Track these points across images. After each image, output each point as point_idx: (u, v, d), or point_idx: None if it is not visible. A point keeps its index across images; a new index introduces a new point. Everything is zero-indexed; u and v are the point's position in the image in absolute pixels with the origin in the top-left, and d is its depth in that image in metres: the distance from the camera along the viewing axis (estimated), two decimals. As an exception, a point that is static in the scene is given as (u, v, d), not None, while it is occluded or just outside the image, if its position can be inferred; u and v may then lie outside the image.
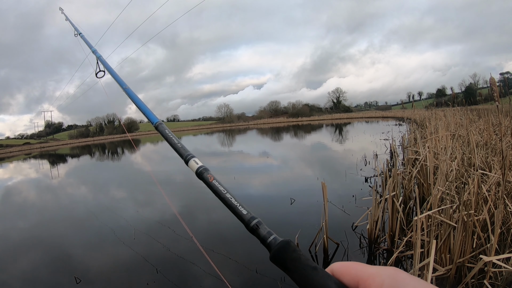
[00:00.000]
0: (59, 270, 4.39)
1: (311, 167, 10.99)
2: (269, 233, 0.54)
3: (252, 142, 27.60)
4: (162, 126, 0.95)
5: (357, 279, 0.39)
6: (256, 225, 0.57)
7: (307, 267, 0.44)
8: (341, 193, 6.56)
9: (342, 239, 4.24)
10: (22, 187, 14.16)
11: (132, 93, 1.30)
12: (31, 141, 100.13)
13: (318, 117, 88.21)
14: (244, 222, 0.59)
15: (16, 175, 19.74)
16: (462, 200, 2.75)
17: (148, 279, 3.76)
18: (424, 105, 19.64)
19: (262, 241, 0.54)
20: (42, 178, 16.64)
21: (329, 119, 74.86)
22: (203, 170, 0.73)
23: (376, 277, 0.37)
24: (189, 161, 0.78)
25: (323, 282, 0.41)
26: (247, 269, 3.74)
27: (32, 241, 5.90)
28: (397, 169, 4.98)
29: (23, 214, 8.55)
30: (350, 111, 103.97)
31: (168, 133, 0.89)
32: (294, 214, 5.67)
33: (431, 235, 2.67)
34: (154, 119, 1.03)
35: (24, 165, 29.09)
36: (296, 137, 28.50)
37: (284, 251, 0.48)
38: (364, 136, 20.10)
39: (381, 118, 53.21)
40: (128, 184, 11.78)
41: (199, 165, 0.75)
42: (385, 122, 37.83)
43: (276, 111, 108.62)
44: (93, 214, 7.21)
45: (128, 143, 46.24)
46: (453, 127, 8.11)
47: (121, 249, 4.87)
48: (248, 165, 13.04)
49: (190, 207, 7.04)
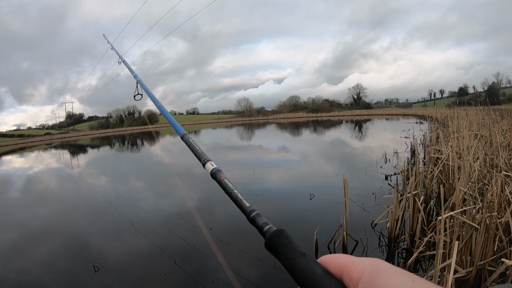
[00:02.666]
0: (78, 258, 4.54)
1: (330, 163, 10.97)
2: (265, 223, 0.58)
3: (271, 137, 27.63)
4: (187, 136, 1.08)
5: (342, 267, 0.42)
6: (255, 216, 0.62)
7: (296, 252, 0.47)
8: (361, 190, 6.54)
9: (362, 236, 4.26)
10: (43, 176, 14.59)
11: (164, 109, 1.53)
12: (52, 131, 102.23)
13: (337, 113, 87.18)
14: (246, 214, 0.65)
15: (37, 165, 20.30)
16: (485, 201, 2.74)
17: (166, 270, 3.86)
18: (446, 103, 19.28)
19: (259, 230, 0.58)
20: (62, 168, 17.08)
21: (349, 115, 74.09)
22: (216, 171, 0.82)
23: (358, 264, 0.40)
24: (206, 164, 0.87)
25: (310, 266, 0.44)
26: (265, 264, 3.79)
27: (52, 229, 6.13)
28: (418, 168, 4.94)
29: (44, 202, 8.85)
30: (370, 107, 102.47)
31: (192, 142, 1.02)
32: (313, 210, 5.69)
33: (453, 236, 2.66)
34: (180, 130, 1.17)
35: (45, 154, 29.84)
36: (315, 133, 28.38)
37: (277, 237, 0.51)
38: (384, 134, 19.89)
39: (401, 116, 52.32)
40: (147, 176, 12.00)
41: (213, 167, 0.84)
42: (406, 119, 37.22)
43: (295, 106, 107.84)
44: (112, 204, 7.41)
45: (148, 135, 46.83)
46: (475, 126, 7.97)
47: (139, 239, 5.01)
48: (267, 160, 13.09)
49: (208, 200, 7.14)
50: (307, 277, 0.43)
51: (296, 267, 0.45)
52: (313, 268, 0.44)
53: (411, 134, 13.92)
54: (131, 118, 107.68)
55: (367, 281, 0.37)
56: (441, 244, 2.26)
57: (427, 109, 37.51)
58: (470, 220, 2.85)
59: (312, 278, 0.43)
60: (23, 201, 9.47)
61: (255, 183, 8.09)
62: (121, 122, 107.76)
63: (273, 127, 43.74)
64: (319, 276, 0.42)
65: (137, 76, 2.16)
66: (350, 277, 0.40)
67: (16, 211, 8.09)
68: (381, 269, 0.37)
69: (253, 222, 0.61)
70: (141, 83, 2.08)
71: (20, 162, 24.16)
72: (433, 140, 9.52)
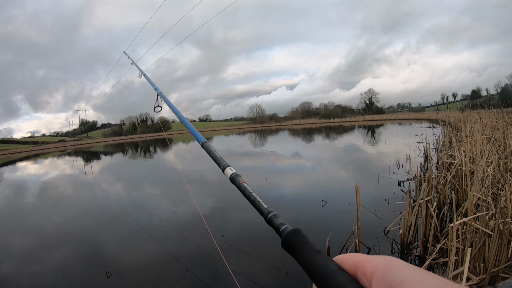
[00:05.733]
0: (91, 264, 4.61)
1: (343, 169, 10.91)
2: (282, 224, 0.60)
3: (284, 143, 27.54)
4: (207, 143, 1.13)
5: (356, 264, 0.43)
6: (272, 217, 0.64)
7: (312, 250, 0.49)
8: (374, 197, 6.50)
9: (374, 243, 4.24)
10: (57, 182, 14.82)
11: (184, 119, 1.57)
12: (66, 138, 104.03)
13: (350, 119, 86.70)
14: (263, 215, 0.67)
15: (51, 171, 20.69)
16: (498, 207, 2.71)
17: (178, 277, 3.90)
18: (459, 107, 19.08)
19: (276, 230, 0.61)
20: (76, 174, 17.36)
21: (361, 121, 73.57)
22: (235, 175, 0.85)
23: (372, 261, 0.42)
24: (225, 169, 0.92)
25: (325, 262, 0.46)
26: (277, 270, 3.80)
27: (66, 235, 6.23)
28: (431, 173, 4.90)
29: (58, 208, 9.01)
30: (382, 112, 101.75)
31: (212, 149, 1.07)
32: (326, 217, 5.68)
33: (466, 243, 2.64)
34: (200, 138, 1.22)
35: (59, 161, 30.38)
36: (328, 139, 28.24)
37: (294, 236, 0.53)
38: (397, 139, 19.71)
39: (414, 120, 51.81)
40: (159, 182, 12.11)
41: (232, 172, 0.88)
42: (419, 124, 36.80)
43: (308, 112, 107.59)
44: (125, 211, 7.50)
45: (161, 142, 47.17)
46: (489, 130, 7.88)
47: (151, 245, 5.06)
48: (280, 166, 13.07)
49: (221, 208, 7.17)
50: (322, 273, 0.45)
51: (312, 264, 0.47)
52: (328, 264, 0.46)
53: (424, 139, 13.79)
54: (144, 125, 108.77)
55: (381, 275, 0.39)
56: (453, 251, 2.25)
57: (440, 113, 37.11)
58: (483, 227, 2.82)
59: (327, 274, 0.45)
60: (37, 206, 9.68)
61: (267, 190, 8.09)
62: (134, 129, 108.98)
63: (285, 133, 43.65)
64: (334, 271, 0.44)
65: (158, 89, 2.23)
66: (364, 272, 0.41)
67: (31, 216, 8.24)
68: (394, 263, 0.39)
69: (270, 222, 0.64)
70: (162, 95, 2.15)
71: (35, 168, 24.66)
72: (446, 145, 9.43)
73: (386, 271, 0.39)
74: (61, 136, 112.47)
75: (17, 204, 10.47)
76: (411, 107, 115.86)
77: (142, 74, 2.84)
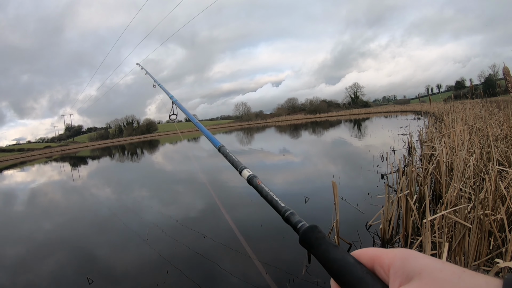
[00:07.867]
0: (74, 271, 4.46)
1: (327, 165, 10.86)
2: (299, 221, 0.62)
3: (271, 140, 27.56)
4: (223, 148, 1.22)
5: (373, 257, 0.45)
6: (289, 215, 0.66)
7: (329, 245, 0.51)
8: (357, 191, 6.45)
9: (355, 239, 4.15)
10: (44, 189, 14.54)
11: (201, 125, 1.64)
12: (52, 144, 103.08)
13: (336, 113, 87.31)
14: (280, 213, 0.70)
15: (38, 178, 20.28)
16: (478, 198, 2.62)
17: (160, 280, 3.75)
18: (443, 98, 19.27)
19: (294, 227, 0.63)
20: (64, 180, 17.07)
21: (347, 115, 74.11)
22: (252, 177, 0.90)
23: (389, 253, 0.43)
24: (242, 171, 0.96)
25: (343, 256, 0.47)
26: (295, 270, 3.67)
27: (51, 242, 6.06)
28: (413, 166, 4.84)
29: (43, 215, 8.80)
30: (368, 106, 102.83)
31: (228, 153, 1.15)
32: (308, 214, 5.56)
33: (443, 237, 2.54)
34: (217, 143, 1.30)
35: (45, 168, 29.94)
36: (313, 134, 28.35)
37: (311, 232, 0.55)
38: (383, 131, 19.82)
39: (399, 112, 52.37)
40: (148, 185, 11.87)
41: (249, 173, 0.92)
42: (404, 116, 37.16)
43: (293, 108, 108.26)
44: (115, 215, 7.37)
45: (147, 144, 46.89)
46: (472, 120, 7.88)
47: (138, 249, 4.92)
48: (265, 163, 13.01)
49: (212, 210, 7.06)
50: (340, 266, 0.47)
51: (330, 258, 0.49)
52: (346, 258, 0.47)
53: (408, 131, 13.84)
54: (130, 128, 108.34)
55: (398, 265, 0.40)
56: (429, 246, 2.15)
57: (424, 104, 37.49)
58: (462, 219, 2.73)
59: (345, 266, 0.46)
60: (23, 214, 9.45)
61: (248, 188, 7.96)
62: (120, 132, 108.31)
63: (272, 130, 43.75)
64: (352, 264, 0.46)
65: (173, 97, 2.32)
66: (382, 264, 0.43)
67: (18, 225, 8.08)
68: (411, 254, 0.40)
69: (288, 220, 0.66)
70: (178, 103, 2.25)
71: (21, 176, 24.31)
72: (428, 136, 9.43)
73: (403, 261, 0.40)
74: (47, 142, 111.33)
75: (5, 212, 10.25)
76: (396, 100, 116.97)
77: (157, 83, 2.89)
